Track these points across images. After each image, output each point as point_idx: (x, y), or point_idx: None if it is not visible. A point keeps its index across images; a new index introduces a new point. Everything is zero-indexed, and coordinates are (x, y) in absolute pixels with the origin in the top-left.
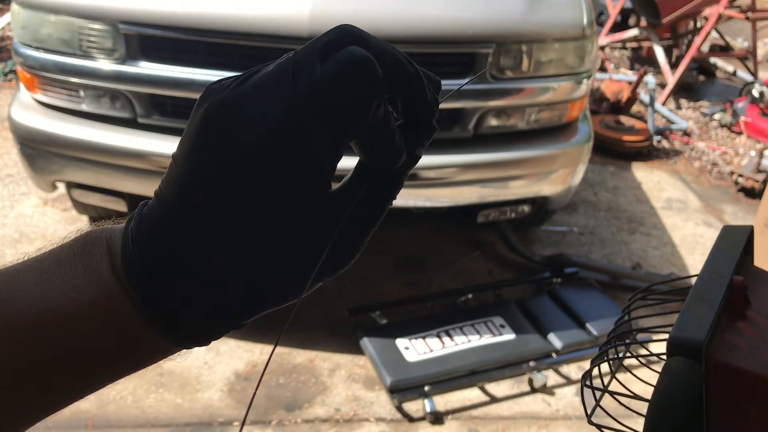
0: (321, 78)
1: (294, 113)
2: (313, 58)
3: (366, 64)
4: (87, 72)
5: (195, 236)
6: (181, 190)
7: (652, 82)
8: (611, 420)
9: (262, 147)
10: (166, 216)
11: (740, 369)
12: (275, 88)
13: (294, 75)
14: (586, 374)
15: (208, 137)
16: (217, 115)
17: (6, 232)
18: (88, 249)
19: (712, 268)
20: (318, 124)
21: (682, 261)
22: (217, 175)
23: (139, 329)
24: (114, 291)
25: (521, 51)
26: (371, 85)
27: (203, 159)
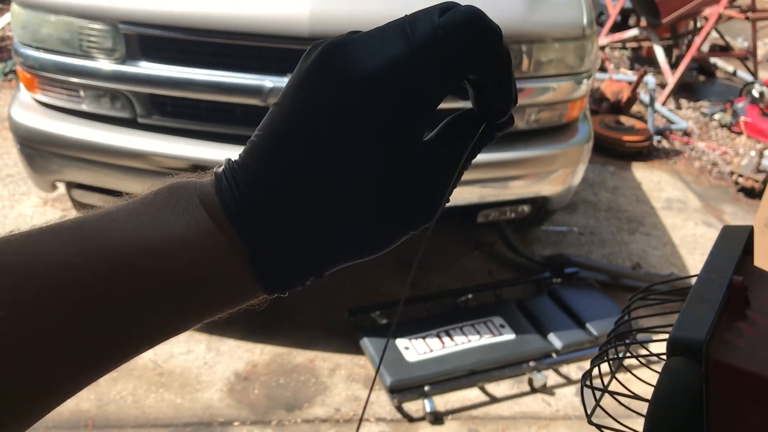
0: (442, 24)
1: (414, 52)
2: (433, 12)
3: (486, 17)
4: (87, 72)
5: (295, 175)
6: (286, 127)
7: (652, 82)
8: (611, 420)
9: (377, 82)
10: (266, 155)
11: (740, 369)
12: (394, 34)
13: (412, 25)
14: (586, 374)
15: (321, 73)
16: (334, 51)
17: (6, 231)
18: (176, 192)
19: (712, 268)
20: (437, 63)
21: (682, 261)
22: (326, 111)
23: (227, 265)
24: (207, 225)
25: (521, 51)
26: (490, 33)
27: (314, 94)
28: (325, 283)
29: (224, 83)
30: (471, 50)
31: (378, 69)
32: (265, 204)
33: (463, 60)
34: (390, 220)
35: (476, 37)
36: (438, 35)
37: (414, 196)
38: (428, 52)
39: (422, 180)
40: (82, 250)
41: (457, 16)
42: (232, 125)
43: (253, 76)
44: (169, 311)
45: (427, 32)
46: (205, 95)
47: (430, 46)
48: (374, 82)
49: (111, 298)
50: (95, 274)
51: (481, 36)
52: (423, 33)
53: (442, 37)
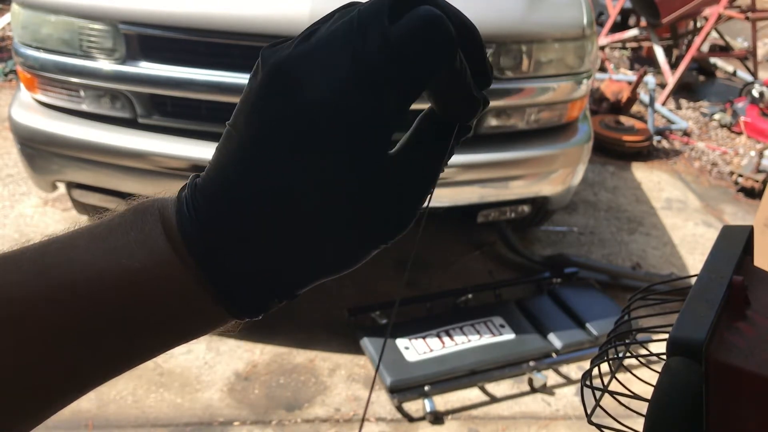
0: (394, 37)
1: (362, 73)
2: (382, 15)
3: (442, 23)
4: (87, 72)
5: (254, 201)
6: (241, 155)
7: (652, 82)
8: (611, 420)
9: (327, 108)
10: (224, 181)
11: (740, 369)
12: (341, 47)
13: (361, 33)
14: (586, 374)
15: (269, 100)
16: (278, 76)
17: (6, 232)
18: (140, 216)
19: (712, 268)
20: (388, 85)
21: (681, 261)
22: (278, 139)
23: (191, 295)
24: (167, 256)
25: (521, 51)
26: (447, 44)
27: (264, 122)
28: (325, 283)
29: (224, 83)
30: (430, 65)
31: (326, 95)
32: (224, 231)
33: (420, 75)
34: (359, 236)
35: (435, 48)
36: (391, 49)
37: (382, 210)
38: (379, 71)
39: (390, 193)
40: (41, 285)
41: (412, 24)
42: None
43: None
44: (133, 342)
45: (377, 45)
46: (205, 95)
47: (381, 64)
48: (324, 109)
49: (71, 333)
50: (54, 308)
51: (440, 46)
52: (373, 47)
53: (395, 51)
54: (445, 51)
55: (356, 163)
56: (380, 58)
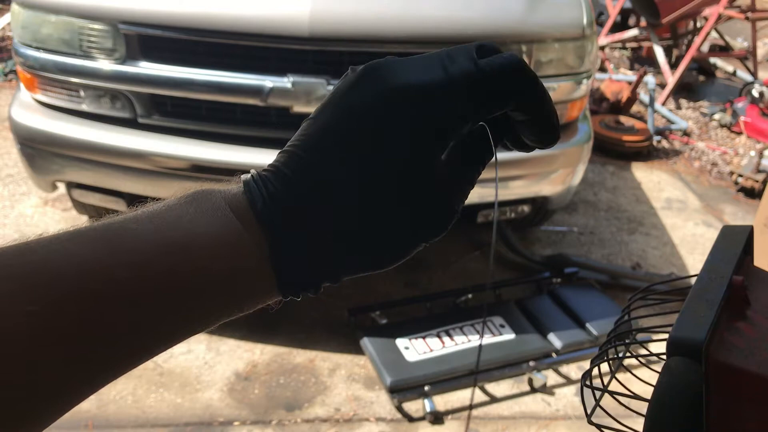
0: (481, 65)
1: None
2: (471, 52)
3: (524, 66)
4: (87, 72)
5: (327, 183)
6: (318, 139)
7: (652, 82)
8: (611, 420)
9: (408, 93)
10: (299, 165)
11: (740, 369)
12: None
13: (452, 59)
14: (586, 374)
15: (353, 90)
16: (368, 71)
17: (6, 232)
18: (199, 196)
19: (712, 268)
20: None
21: (681, 261)
22: (355, 124)
23: (251, 263)
24: (231, 222)
25: (521, 51)
26: (527, 76)
27: (345, 109)
28: None
29: (224, 83)
30: (505, 94)
31: (413, 89)
32: (293, 208)
33: (495, 101)
34: (406, 232)
35: (513, 84)
36: (475, 73)
37: (430, 210)
38: (463, 86)
39: (438, 195)
40: (110, 251)
41: (498, 61)
42: (233, 125)
43: (253, 77)
44: (193, 307)
45: (465, 68)
46: (205, 95)
47: (465, 81)
48: (407, 101)
49: (141, 295)
50: (123, 272)
51: (518, 84)
52: (461, 68)
53: (478, 76)
54: (525, 82)
55: (418, 159)
56: (467, 72)
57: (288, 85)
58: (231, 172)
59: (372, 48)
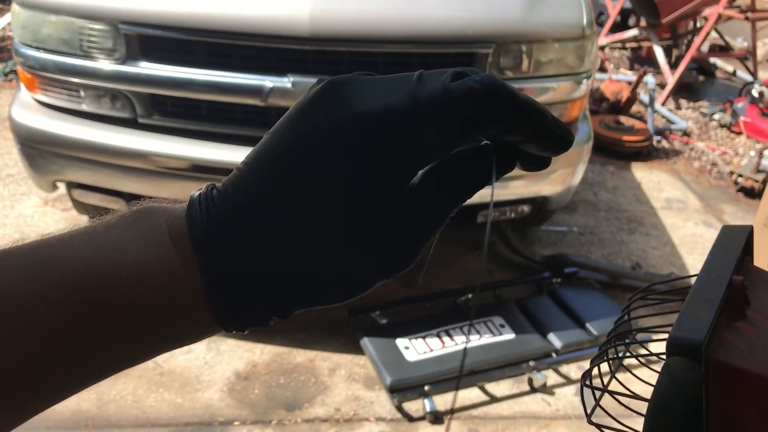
0: (452, 88)
1: (415, 104)
2: (444, 75)
3: (499, 89)
4: (87, 72)
5: (276, 211)
6: (274, 161)
7: (652, 82)
8: (611, 420)
9: (370, 121)
10: (249, 186)
11: (740, 369)
12: (400, 84)
13: (422, 81)
14: (586, 374)
15: (314, 109)
16: (331, 89)
17: (6, 232)
18: (141, 215)
19: (712, 267)
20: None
21: (681, 261)
22: (319, 145)
23: (184, 294)
24: (166, 250)
25: (521, 51)
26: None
27: (302, 130)
28: None
29: (224, 83)
30: (478, 121)
31: (372, 114)
32: (234, 236)
33: (467, 128)
34: (362, 267)
35: (486, 109)
36: (443, 98)
37: (392, 243)
38: (429, 113)
39: (402, 227)
40: (29, 279)
41: (467, 84)
42: (233, 125)
43: (253, 77)
44: (118, 342)
45: (434, 92)
46: (205, 95)
47: (432, 106)
48: (366, 128)
49: (56, 329)
50: (40, 304)
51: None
52: (430, 91)
53: (447, 101)
54: (500, 105)
55: (376, 187)
56: (434, 97)
57: (288, 85)
58: (230, 172)
59: (372, 48)
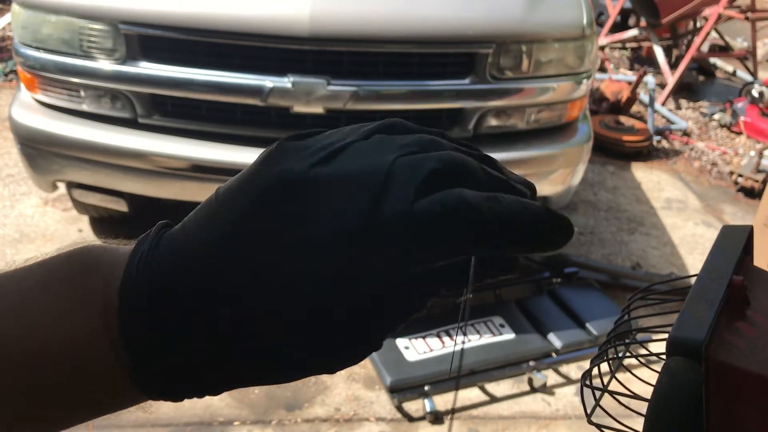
0: (417, 211)
1: (372, 235)
2: (414, 181)
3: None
4: (87, 72)
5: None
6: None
7: (652, 82)
8: (611, 420)
9: (319, 253)
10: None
11: (740, 369)
12: (360, 196)
13: (387, 189)
14: (586, 374)
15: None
16: (285, 192)
17: (6, 231)
18: (81, 272)
19: (712, 267)
20: (402, 252)
21: (681, 261)
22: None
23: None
24: (95, 323)
25: (521, 51)
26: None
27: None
28: None
29: (224, 83)
30: (446, 249)
31: (321, 237)
32: (165, 308)
33: (430, 256)
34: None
35: (452, 235)
36: (405, 220)
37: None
38: (389, 238)
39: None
40: None
41: (437, 209)
42: (233, 125)
43: (253, 77)
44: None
45: (398, 212)
46: (205, 95)
47: (393, 230)
48: (313, 251)
49: None
50: None
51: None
52: (393, 210)
53: (416, 226)
54: (456, 251)
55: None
56: (397, 218)
57: (288, 85)
58: (230, 172)
59: (372, 48)
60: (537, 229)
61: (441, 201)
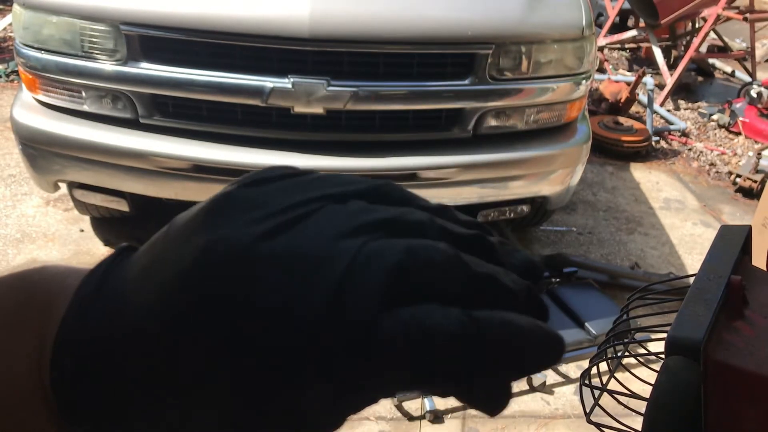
0: (387, 331)
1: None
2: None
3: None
4: (89, 73)
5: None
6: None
7: (651, 83)
8: (610, 419)
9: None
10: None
11: (738, 368)
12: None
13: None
14: (585, 373)
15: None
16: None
17: (8, 232)
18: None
19: (710, 267)
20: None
21: (680, 261)
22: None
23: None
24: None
25: (520, 52)
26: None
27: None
28: None
29: (225, 84)
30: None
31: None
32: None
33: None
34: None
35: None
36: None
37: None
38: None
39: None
40: None
41: (399, 345)
42: (233, 126)
43: (253, 77)
44: None
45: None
46: (206, 96)
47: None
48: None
49: None
50: None
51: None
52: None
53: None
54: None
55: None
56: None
57: (288, 85)
58: (231, 172)
59: (372, 48)
60: (521, 356)
61: (404, 332)
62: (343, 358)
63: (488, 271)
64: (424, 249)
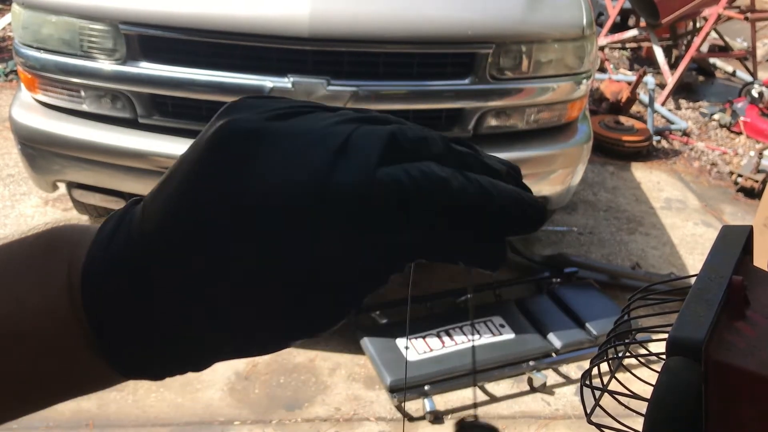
0: (377, 180)
1: (321, 210)
2: (377, 148)
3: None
4: (88, 72)
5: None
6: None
7: (652, 83)
8: (611, 419)
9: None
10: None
11: (739, 369)
12: (312, 167)
13: (346, 154)
14: (586, 374)
15: (211, 161)
16: (235, 141)
17: (7, 232)
18: (47, 248)
19: (712, 267)
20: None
21: (681, 261)
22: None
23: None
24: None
25: (521, 51)
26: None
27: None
28: None
29: (224, 83)
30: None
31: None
32: (134, 275)
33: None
34: (282, 323)
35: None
36: (364, 192)
37: (308, 303)
38: (341, 211)
39: (321, 288)
40: None
41: (402, 178)
42: None
43: (253, 77)
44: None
45: (355, 180)
46: (205, 95)
47: (347, 202)
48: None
49: None
50: None
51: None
52: (352, 178)
53: (368, 197)
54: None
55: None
56: (354, 188)
57: (288, 85)
58: None
59: (372, 48)
60: (510, 211)
61: (406, 169)
62: (346, 206)
63: (471, 151)
64: (412, 128)
